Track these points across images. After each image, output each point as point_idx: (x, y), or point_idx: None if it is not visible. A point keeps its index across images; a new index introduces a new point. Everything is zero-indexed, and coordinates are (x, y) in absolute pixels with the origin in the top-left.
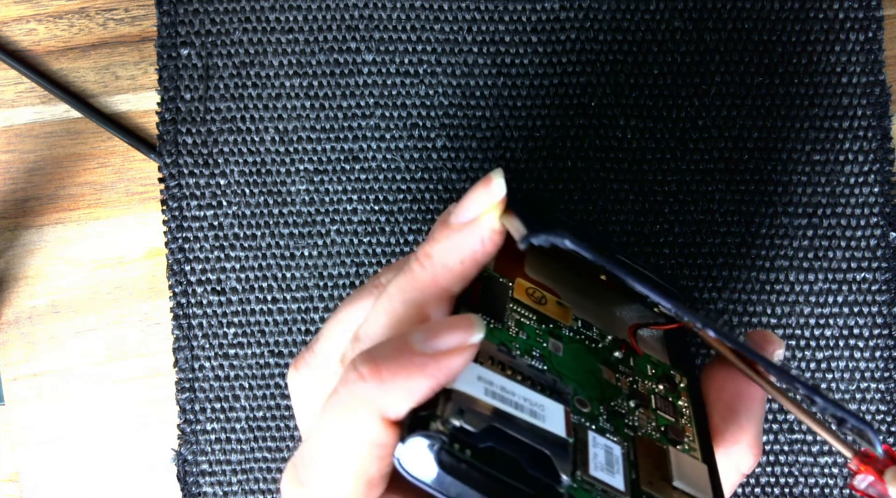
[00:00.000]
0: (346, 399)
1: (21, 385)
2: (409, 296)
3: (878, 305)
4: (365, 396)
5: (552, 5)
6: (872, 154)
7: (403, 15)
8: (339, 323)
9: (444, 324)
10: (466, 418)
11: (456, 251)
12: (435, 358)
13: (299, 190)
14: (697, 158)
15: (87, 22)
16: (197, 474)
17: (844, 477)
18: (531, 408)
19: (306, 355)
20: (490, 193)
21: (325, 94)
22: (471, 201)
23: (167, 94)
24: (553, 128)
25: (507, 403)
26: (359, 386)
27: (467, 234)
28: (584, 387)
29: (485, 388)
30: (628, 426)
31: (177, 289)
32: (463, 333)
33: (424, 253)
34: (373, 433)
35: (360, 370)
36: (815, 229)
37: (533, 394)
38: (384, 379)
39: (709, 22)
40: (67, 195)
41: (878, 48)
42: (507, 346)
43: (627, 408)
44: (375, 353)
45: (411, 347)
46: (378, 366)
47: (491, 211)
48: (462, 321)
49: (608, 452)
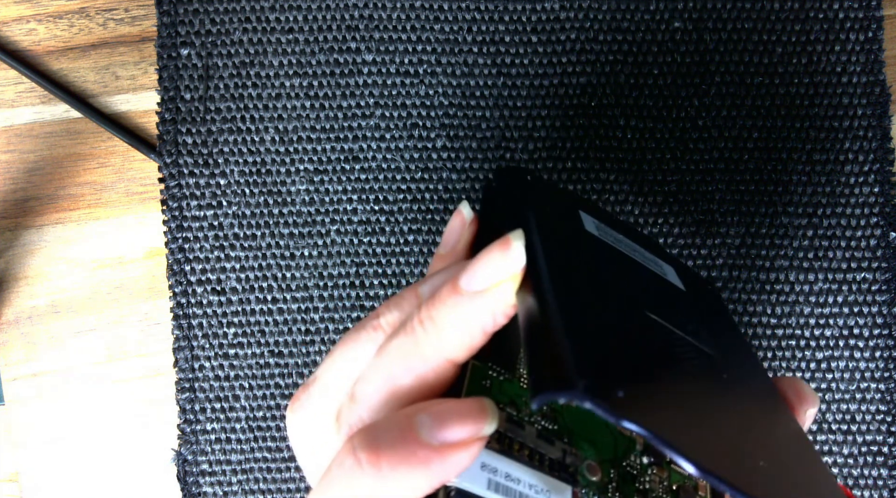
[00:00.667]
0: (338, 486)
1: (21, 385)
2: (410, 363)
3: (878, 305)
4: (360, 485)
5: (552, 5)
6: (872, 154)
7: (403, 15)
8: (334, 365)
9: (453, 411)
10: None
11: (463, 322)
12: (440, 452)
13: (299, 190)
14: (697, 158)
15: (87, 22)
16: (197, 474)
17: (844, 477)
18: (536, 496)
19: (302, 396)
20: (508, 262)
21: (325, 94)
22: (485, 267)
23: (167, 94)
24: (553, 128)
25: (510, 495)
26: (355, 474)
27: (478, 306)
28: (596, 443)
29: (488, 479)
30: (639, 492)
31: (177, 289)
32: (474, 424)
33: (429, 316)
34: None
35: (358, 456)
36: (815, 229)
37: (538, 480)
38: (383, 471)
39: (709, 22)
40: (67, 195)
41: (878, 48)
42: (516, 404)
43: (640, 467)
44: (377, 436)
45: (416, 436)
46: (378, 454)
47: (507, 283)
48: (475, 410)
49: None
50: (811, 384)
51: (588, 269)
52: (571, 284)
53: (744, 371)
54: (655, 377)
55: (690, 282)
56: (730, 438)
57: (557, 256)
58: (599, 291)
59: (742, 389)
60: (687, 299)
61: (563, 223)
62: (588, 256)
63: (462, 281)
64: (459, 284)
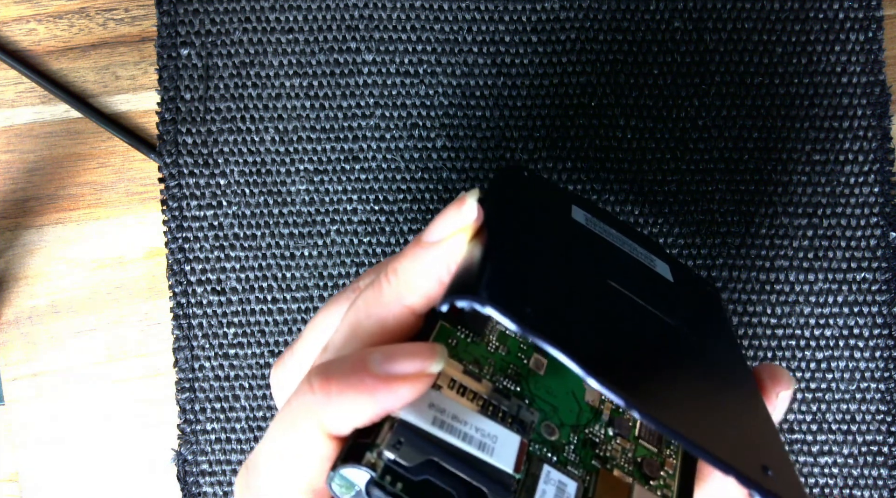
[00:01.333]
0: (295, 409)
1: (21, 385)
2: (373, 310)
3: (878, 305)
4: (311, 408)
5: (552, 5)
6: (872, 154)
7: (403, 15)
8: (316, 326)
9: (404, 349)
10: (403, 452)
11: (421, 270)
12: (387, 382)
13: (299, 190)
14: (697, 158)
15: (87, 22)
16: (197, 474)
17: (844, 477)
18: (481, 440)
19: (286, 356)
20: (461, 215)
21: (325, 94)
22: (442, 221)
23: (167, 94)
24: (553, 128)
25: (454, 433)
26: (307, 398)
27: (434, 254)
28: (560, 410)
29: (434, 416)
30: (598, 457)
31: (177, 289)
32: (422, 361)
33: (392, 268)
34: (317, 447)
35: (311, 382)
36: (815, 229)
37: (488, 423)
38: (331, 394)
39: (709, 22)
40: (67, 195)
41: (878, 48)
42: (479, 363)
43: (603, 436)
44: (330, 367)
45: (366, 366)
46: (329, 380)
47: (460, 233)
48: (424, 349)
49: (560, 488)
50: (811, 384)
51: (552, 239)
52: (520, 240)
53: (717, 355)
54: (587, 314)
55: (685, 279)
56: (676, 391)
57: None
58: (554, 254)
59: (709, 366)
60: (670, 288)
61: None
62: (560, 232)
63: (424, 235)
64: (422, 238)
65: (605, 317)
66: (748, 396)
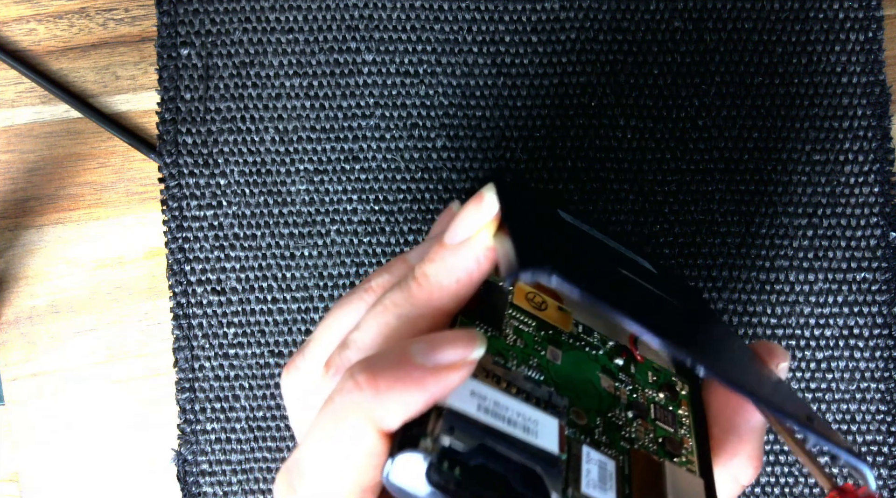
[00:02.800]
0: (341, 408)
1: (21, 385)
2: (403, 311)
3: (878, 305)
4: (360, 405)
5: (552, 5)
6: (872, 154)
7: (403, 15)
8: (329, 327)
9: (445, 337)
10: (456, 437)
11: (451, 271)
12: (434, 372)
13: (299, 190)
14: (697, 158)
15: (87, 22)
16: (197, 474)
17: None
18: (524, 424)
19: (297, 359)
20: (482, 212)
21: (325, 94)
22: (463, 221)
23: (167, 94)
24: (553, 128)
25: (499, 418)
26: (354, 395)
27: (461, 254)
28: (582, 397)
29: (478, 403)
30: (625, 439)
31: (177, 289)
32: (464, 348)
33: (422, 272)
34: (367, 443)
35: (356, 379)
36: (815, 229)
37: (527, 408)
38: (380, 390)
39: (709, 22)
40: (67, 195)
41: (878, 48)
42: (503, 356)
43: (625, 419)
44: (374, 362)
45: (411, 359)
46: (375, 376)
47: (484, 230)
48: (464, 336)
49: (602, 467)
50: (811, 384)
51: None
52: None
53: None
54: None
55: (668, 274)
56: (720, 352)
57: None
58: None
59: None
60: (659, 279)
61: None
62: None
63: (447, 237)
64: (444, 240)
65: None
66: (761, 364)
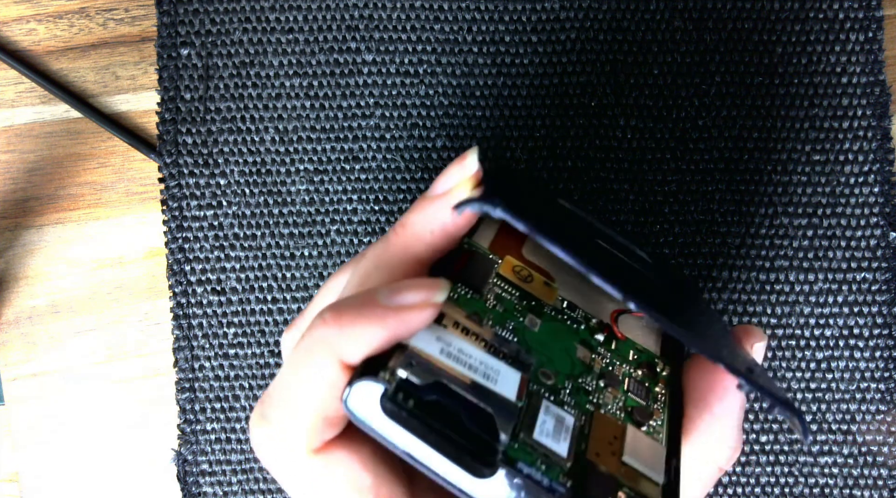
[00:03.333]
0: (309, 342)
1: (21, 385)
2: (381, 260)
3: (878, 305)
4: (324, 339)
5: (552, 5)
6: (872, 154)
7: (403, 15)
8: (328, 290)
9: (409, 282)
10: (413, 371)
11: (427, 221)
12: (395, 311)
13: (299, 190)
14: (697, 158)
15: (87, 22)
16: (197, 474)
17: (844, 477)
18: (485, 371)
19: (297, 320)
20: (463, 168)
21: (325, 94)
22: (446, 176)
23: (167, 94)
24: (553, 128)
25: (460, 363)
26: (320, 330)
27: (439, 205)
28: (553, 361)
29: (441, 347)
30: (591, 403)
31: (177, 289)
32: (427, 291)
33: (400, 222)
34: (330, 374)
35: (324, 316)
36: (815, 229)
37: (490, 359)
38: (343, 324)
39: (709, 22)
40: (67, 195)
41: (878, 48)
42: (479, 316)
43: (595, 386)
44: (341, 303)
45: (374, 299)
46: (340, 313)
47: (463, 185)
48: (427, 282)
49: (559, 420)
50: (811, 384)
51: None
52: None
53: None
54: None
55: (664, 264)
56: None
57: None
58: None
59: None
60: (652, 266)
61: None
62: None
63: (429, 191)
64: (426, 194)
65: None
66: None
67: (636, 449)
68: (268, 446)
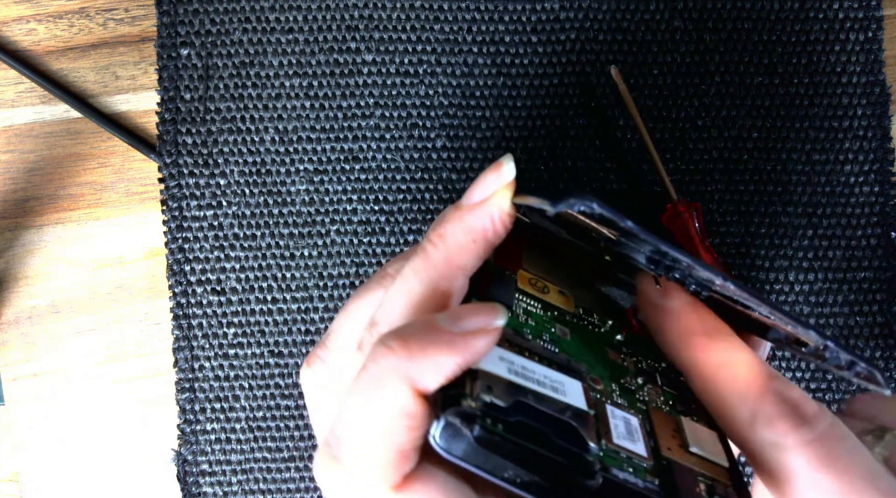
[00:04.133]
0: (376, 371)
1: (21, 385)
2: (424, 276)
3: (878, 305)
4: (395, 367)
5: (552, 5)
6: (872, 154)
7: (403, 15)
8: (349, 316)
9: (468, 308)
10: (496, 394)
11: (468, 231)
12: (462, 336)
13: (299, 190)
14: (697, 158)
15: (87, 22)
16: (197, 474)
17: None
18: (552, 384)
19: (319, 352)
20: (500, 176)
21: (325, 94)
22: (482, 183)
23: (167, 94)
24: (553, 128)
25: (529, 380)
26: (389, 358)
27: (478, 213)
28: (595, 367)
29: (508, 367)
30: (640, 401)
31: (177, 289)
32: (487, 316)
33: (437, 234)
34: (403, 402)
35: (389, 345)
36: (815, 229)
37: (551, 372)
38: (413, 352)
39: (709, 22)
40: (67, 195)
41: (878, 48)
42: (518, 332)
43: (637, 385)
44: (404, 330)
45: (439, 326)
46: (407, 341)
47: (501, 192)
48: (485, 306)
49: (627, 422)
50: (811, 384)
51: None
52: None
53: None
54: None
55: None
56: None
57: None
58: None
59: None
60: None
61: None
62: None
63: (464, 200)
64: (461, 203)
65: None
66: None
67: (697, 438)
68: (343, 489)
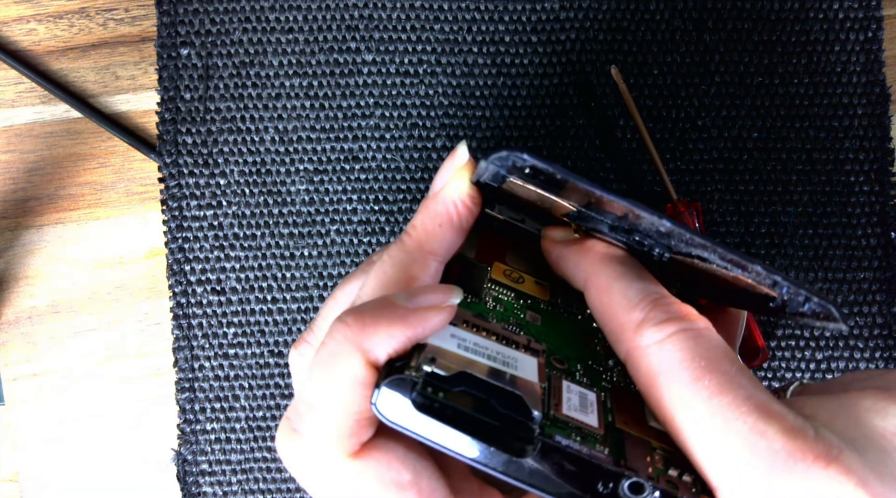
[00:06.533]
0: (332, 344)
1: (21, 385)
2: (397, 261)
3: (878, 305)
4: (348, 339)
5: (552, 5)
6: (872, 154)
7: (403, 15)
8: (336, 301)
9: (425, 287)
10: (438, 364)
11: (433, 216)
12: (415, 312)
13: (299, 190)
14: (697, 158)
15: (87, 22)
16: (197, 474)
17: None
18: (504, 359)
19: (306, 335)
20: (454, 160)
21: (325, 94)
22: (441, 172)
23: (167, 94)
24: (553, 128)
25: (479, 355)
26: (343, 331)
27: (440, 199)
28: (562, 349)
29: (458, 343)
30: (605, 380)
31: (177, 289)
32: (442, 294)
33: (411, 224)
34: (356, 371)
35: (345, 320)
36: (815, 229)
37: (505, 349)
38: (366, 324)
39: (709, 22)
40: (67, 195)
41: (878, 48)
42: (483, 316)
43: (605, 366)
44: (360, 307)
45: (393, 303)
46: (362, 315)
47: (458, 174)
48: (441, 286)
49: (582, 396)
50: None
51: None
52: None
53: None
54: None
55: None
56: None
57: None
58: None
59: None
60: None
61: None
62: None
63: (430, 191)
64: (428, 193)
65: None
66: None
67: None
68: (302, 460)
